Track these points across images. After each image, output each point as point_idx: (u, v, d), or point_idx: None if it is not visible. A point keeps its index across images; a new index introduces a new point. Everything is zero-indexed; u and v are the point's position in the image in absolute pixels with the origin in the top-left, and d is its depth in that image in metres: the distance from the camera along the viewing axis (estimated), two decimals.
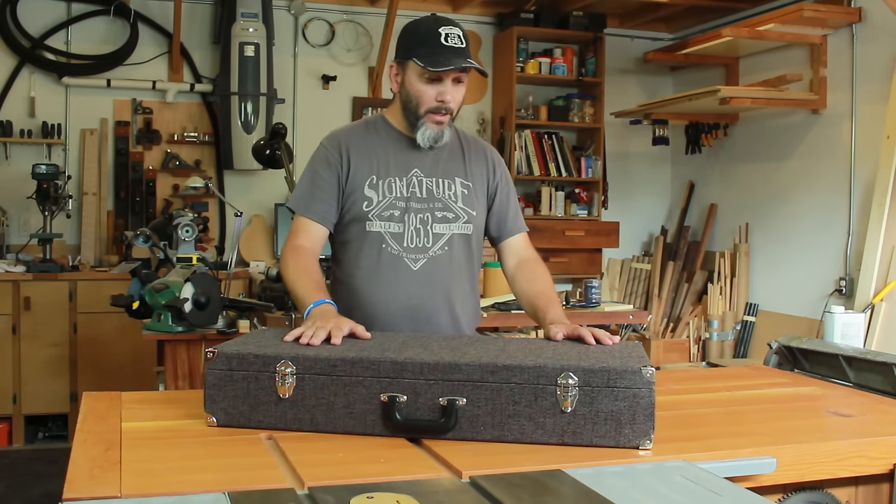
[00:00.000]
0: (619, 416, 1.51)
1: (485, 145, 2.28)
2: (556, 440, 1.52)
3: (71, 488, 1.24)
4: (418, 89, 2.03)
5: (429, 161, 2.13)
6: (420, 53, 1.99)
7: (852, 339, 2.58)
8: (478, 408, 1.54)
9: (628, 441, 1.51)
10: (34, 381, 4.79)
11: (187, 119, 5.61)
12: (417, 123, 2.06)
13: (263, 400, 1.60)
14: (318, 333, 1.71)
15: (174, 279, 3.21)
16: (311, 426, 1.58)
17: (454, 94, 2.04)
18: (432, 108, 2.03)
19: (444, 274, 2.11)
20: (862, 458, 1.60)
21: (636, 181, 6.44)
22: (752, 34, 4.96)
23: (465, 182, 2.15)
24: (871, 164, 4.61)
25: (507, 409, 1.53)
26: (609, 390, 1.52)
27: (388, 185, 2.09)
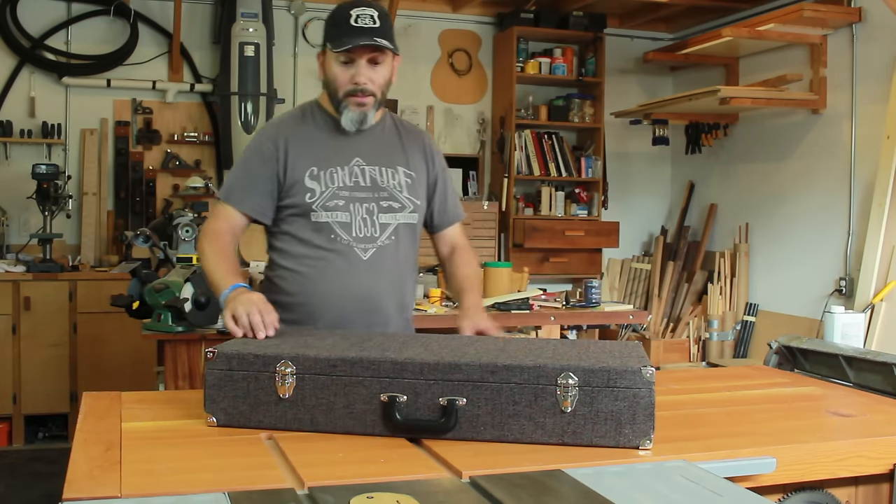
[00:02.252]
0: (619, 416, 1.51)
1: (421, 133, 2.28)
2: (556, 440, 1.52)
3: (71, 488, 1.24)
4: (334, 73, 2.04)
5: (368, 148, 2.12)
6: (331, 37, 2.03)
7: (852, 339, 2.58)
8: (478, 408, 1.54)
9: (628, 441, 1.51)
10: (34, 381, 4.79)
11: (187, 119, 5.61)
12: (340, 108, 2.06)
13: (263, 400, 1.60)
14: (254, 324, 1.80)
15: (174, 279, 3.21)
16: (311, 426, 1.58)
17: (371, 75, 2.02)
18: (349, 90, 2.03)
19: (392, 263, 2.12)
20: (862, 458, 1.60)
21: (636, 181, 6.44)
22: (752, 34, 4.96)
23: (409, 171, 2.15)
24: (871, 164, 4.61)
25: (507, 409, 1.53)
26: (609, 390, 1.51)
27: (329, 175, 2.08)
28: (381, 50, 2.01)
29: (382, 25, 2.00)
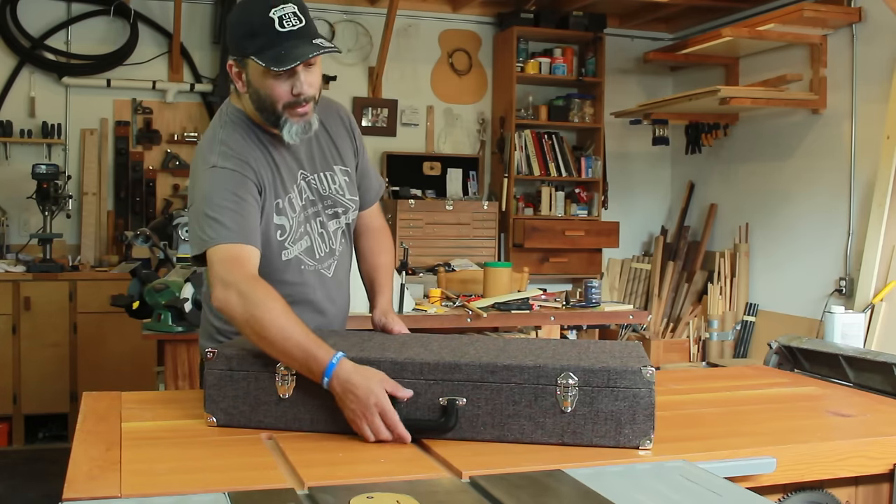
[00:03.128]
0: (619, 416, 1.51)
1: (337, 108, 2.04)
2: (556, 440, 1.52)
3: (71, 488, 1.24)
4: (268, 87, 1.76)
5: (305, 156, 1.92)
6: (257, 49, 1.72)
7: (852, 339, 2.58)
8: (478, 408, 1.54)
9: (628, 441, 1.51)
10: (34, 381, 4.79)
11: (187, 119, 5.61)
12: (280, 122, 1.79)
13: (263, 400, 1.60)
14: (380, 431, 1.53)
15: (174, 279, 3.21)
16: (310, 426, 1.58)
17: (310, 80, 1.77)
18: (290, 102, 1.77)
19: (347, 265, 2.05)
20: (862, 458, 1.60)
21: (636, 181, 6.44)
22: (752, 34, 4.96)
23: (344, 168, 1.99)
24: (871, 164, 4.61)
25: (507, 409, 1.53)
26: (609, 390, 1.51)
27: (289, 202, 1.88)
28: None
29: (307, 21, 1.75)
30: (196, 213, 1.77)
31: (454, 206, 5.63)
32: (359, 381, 1.52)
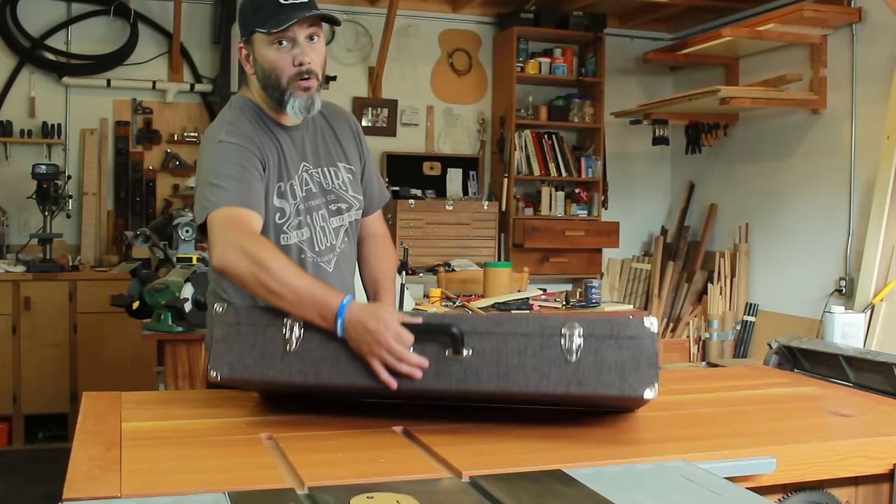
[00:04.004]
0: (624, 365, 1.51)
1: (345, 114, 2.10)
2: (562, 391, 1.52)
3: (71, 488, 1.24)
4: (272, 60, 1.83)
5: (310, 150, 1.97)
6: (260, 21, 1.81)
7: (852, 339, 2.58)
8: (483, 358, 1.53)
9: (633, 390, 1.50)
10: (34, 381, 4.79)
11: (187, 119, 5.61)
12: (284, 98, 1.85)
13: (269, 353, 1.59)
14: (408, 373, 1.55)
15: (174, 279, 3.21)
16: (315, 377, 1.58)
17: (312, 55, 1.83)
18: (293, 74, 1.83)
19: (349, 266, 2.04)
20: (862, 458, 1.60)
21: (636, 181, 6.44)
22: (752, 34, 4.96)
23: (348, 166, 2.03)
24: (871, 164, 4.61)
25: (513, 359, 1.52)
26: (613, 340, 1.51)
27: (290, 188, 1.91)
28: (319, 24, 1.83)
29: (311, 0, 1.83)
30: (200, 184, 1.82)
31: (454, 206, 5.63)
32: (371, 314, 1.55)
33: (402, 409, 1.74)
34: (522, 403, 1.65)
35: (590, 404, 1.62)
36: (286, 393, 1.73)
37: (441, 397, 1.59)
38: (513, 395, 1.54)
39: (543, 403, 1.64)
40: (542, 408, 1.69)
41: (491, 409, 1.78)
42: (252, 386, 1.68)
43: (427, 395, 1.59)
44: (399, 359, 1.53)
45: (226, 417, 1.67)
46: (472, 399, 1.60)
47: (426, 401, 1.64)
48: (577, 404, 1.62)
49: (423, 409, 1.76)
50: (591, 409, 1.65)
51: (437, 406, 1.75)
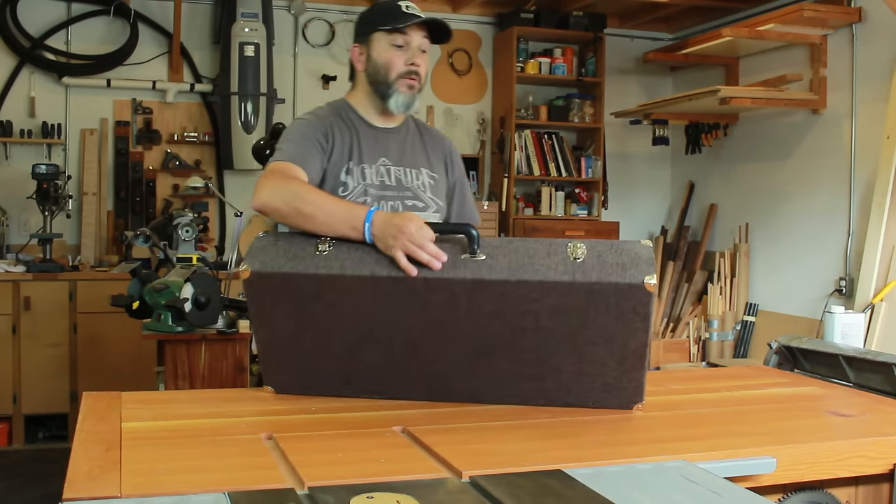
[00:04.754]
0: (624, 263, 1.63)
1: (442, 138, 2.30)
2: (567, 278, 1.61)
3: (71, 488, 1.24)
4: (387, 57, 2.06)
5: (394, 149, 2.14)
6: (383, 22, 2.06)
7: (852, 339, 2.58)
8: (496, 259, 1.65)
9: (633, 278, 1.60)
10: (34, 381, 4.79)
11: (187, 119, 5.61)
12: (389, 91, 2.07)
13: (300, 255, 1.71)
14: (428, 262, 1.67)
15: (174, 279, 3.21)
16: (340, 270, 1.68)
17: (420, 60, 2.08)
18: (403, 71, 2.06)
19: None
20: (862, 458, 1.60)
21: (636, 181, 6.44)
22: (752, 34, 4.96)
23: (431, 173, 2.18)
24: (871, 164, 4.61)
25: (523, 261, 1.65)
26: (613, 251, 1.65)
27: (361, 171, 2.08)
28: (428, 37, 2.08)
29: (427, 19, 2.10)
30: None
31: None
32: (396, 213, 1.75)
33: (402, 407, 1.74)
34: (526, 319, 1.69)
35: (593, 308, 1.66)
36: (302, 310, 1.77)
37: (455, 285, 1.66)
38: (523, 286, 1.62)
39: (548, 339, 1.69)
40: (540, 406, 1.70)
41: (491, 409, 1.78)
42: (277, 283, 1.73)
43: (442, 287, 1.66)
44: (420, 246, 1.66)
45: (226, 417, 1.67)
46: (485, 294, 1.66)
47: (441, 294, 1.69)
48: (581, 316, 1.67)
49: (423, 407, 1.76)
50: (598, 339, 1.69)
51: (436, 405, 1.75)
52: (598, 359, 1.69)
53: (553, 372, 1.72)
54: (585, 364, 1.70)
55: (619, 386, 1.73)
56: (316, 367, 1.81)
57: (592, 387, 1.73)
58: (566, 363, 1.71)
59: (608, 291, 1.62)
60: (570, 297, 1.64)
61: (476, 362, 1.73)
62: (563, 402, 1.75)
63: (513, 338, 1.69)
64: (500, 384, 1.75)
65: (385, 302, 1.71)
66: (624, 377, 1.71)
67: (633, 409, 1.76)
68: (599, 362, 1.70)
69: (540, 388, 1.75)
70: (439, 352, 1.73)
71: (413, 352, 1.74)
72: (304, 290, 1.71)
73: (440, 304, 1.68)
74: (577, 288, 1.62)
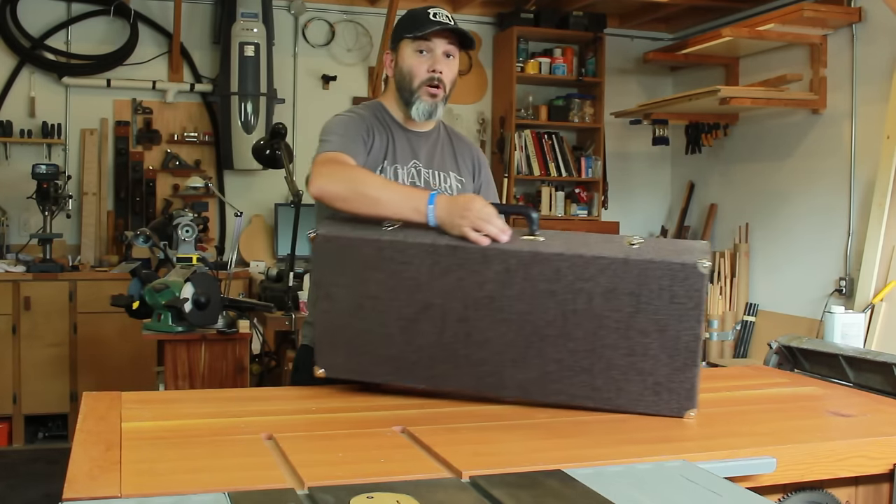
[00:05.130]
0: (679, 250, 1.69)
1: (470, 143, 2.34)
2: (622, 255, 1.65)
3: (71, 488, 1.24)
4: (411, 64, 2.10)
5: (425, 153, 2.18)
6: (408, 29, 2.11)
7: (852, 339, 2.58)
8: (552, 240, 1.73)
9: (688, 259, 1.65)
10: (34, 381, 4.79)
11: (187, 119, 5.61)
12: (412, 99, 2.11)
13: (366, 227, 1.79)
14: (494, 235, 1.72)
15: (174, 279, 3.21)
16: (402, 237, 1.74)
17: (445, 68, 2.10)
18: (425, 79, 2.09)
19: None
20: (862, 458, 1.60)
21: (636, 181, 6.44)
22: (752, 34, 4.96)
23: (459, 177, 2.21)
24: (871, 164, 4.61)
25: (580, 246, 1.69)
26: (670, 242, 1.74)
27: (394, 171, 2.12)
28: (455, 43, 2.10)
29: (456, 23, 2.12)
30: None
31: None
32: (458, 196, 1.82)
33: (402, 407, 1.74)
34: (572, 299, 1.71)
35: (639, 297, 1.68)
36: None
37: (511, 257, 1.70)
38: (578, 261, 1.66)
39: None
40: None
41: (491, 409, 1.78)
42: (341, 248, 1.78)
43: (498, 259, 1.70)
44: (487, 221, 1.70)
45: (226, 417, 1.67)
46: (540, 268, 1.69)
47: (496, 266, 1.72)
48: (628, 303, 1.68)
49: (423, 407, 1.76)
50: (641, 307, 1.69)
51: (437, 405, 1.75)
52: (649, 352, 1.68)
53: (603, 365, 1.70)
54: (637, 357, 1.68)
55: (669, 387, 1.69)
56: (368, 348, 1.80)
57: (643, 387, 1.70)
58: (617, 354, 1.69)
59: (661, 272, 1.63)
60: (623, 277, 1.65)
61: (527, 350, 1.72)
62: (612, 405, 1.71)
63: (565, 322, 1.69)
64: (549, 377, 1.73)
65: (442, 274, 1.73)
66: (675, 376, 1.68)
67: (684, 416, 1.70)
68: (651, 356, 1.68)
69: (589, 385, 1.71)
70: (490, 336, 1.73)
71: (465, 335, 1.74)
72: (366, 257, 1.75)
73: (495, 280, 1.70)
74: (630, 266, 1.64)
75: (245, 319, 3.37)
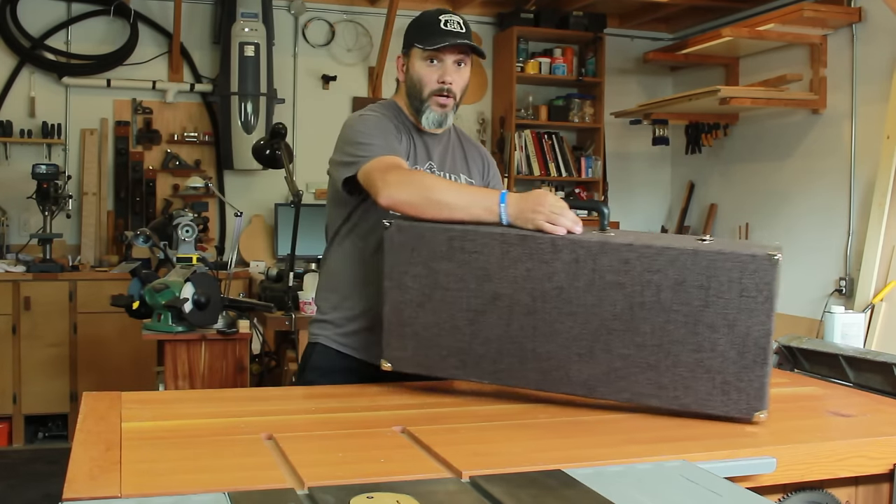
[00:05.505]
0: (749, 245, 1.69)
1: (479, 146, 2.36)
2: (692, 247, 1.65)
3: (71, 488, 1.24)
4: (420, 73, 2.09)
5: (438, 154, 2.18)
6: (420, 38, 2.09)
7: (852, 339, 2.58)
8: (623, 234, 1.74)
9: (758, 251, 1.63)
10: (34, 381, 4.79)
11: (187, 119, 5.61)
12: (422, 108, 2.10)
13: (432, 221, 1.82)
14: (569, 227, 1.75)
15: (174, 279, 3.21)
16: (472, 227, 1.76)
17: (455, 77, 2.09)
18: (435, 90, 2.08)
19: None
20: (862, 458, 1.60)
21: (636, 181, 6.44)
22: (752, 34, 4.96)
23: (469, 179, 2.22)
24: (871, 164, 4.61)
25: (650, 239, 1.71)
26: (740, 240, 1.70)
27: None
28: (467, 52, 2.09)
29: (467, 31, 2.11)
30: (344, 146, 2.03)
31: None
32: (527, 193, 1.80)
33: (402, 407, 1.74)
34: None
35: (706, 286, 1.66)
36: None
37: (580, 247, 1.71)
38: (646, 252, 1.65)
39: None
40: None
41: (491, 409, 1.78)
42: (413, 237, 1.81)
43: (568, 249, 1.71)
44: (561, 214, 1.73)
45: (226, 417, 1.67)
46: (609, 258, 1.69)
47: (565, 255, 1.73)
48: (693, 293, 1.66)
49: (423, 407, 1.76)
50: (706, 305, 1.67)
51: (437, 405, 1.75)
52: (717, 348, 1.64)
53: (671, 361, 1.67)
54: (704, 354, 1.65)
55: (738, 387, 1.64)
56: (435, 341, 1.80)
57: (711, 385, 1.65)
58: (685, 350, 1.65)
59: (731, 263, 1.61)
60: (692, 269, 1.63)
61: (593, 345, 1.70)
62: (678, 405, 1.68)
63: (632, 315, 1.67)
64: (616, 374, 1.70)
65: (511, 265, 1.74)
66: (744, 375, 1.63)
67: (753, 418, 1.65)
68: (719, 353, 1.64)
69: (655, 383, 1.68)
70: (558, 329, 1.72)
71: (532, 328, 1.73)
72: (437, 247, 1.78)
73: (564, 271, 1.70)
74: (699, 258, 1.62)
75: (245, 319, 3.37)
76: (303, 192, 3.74)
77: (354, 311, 2.09)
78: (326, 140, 2.20)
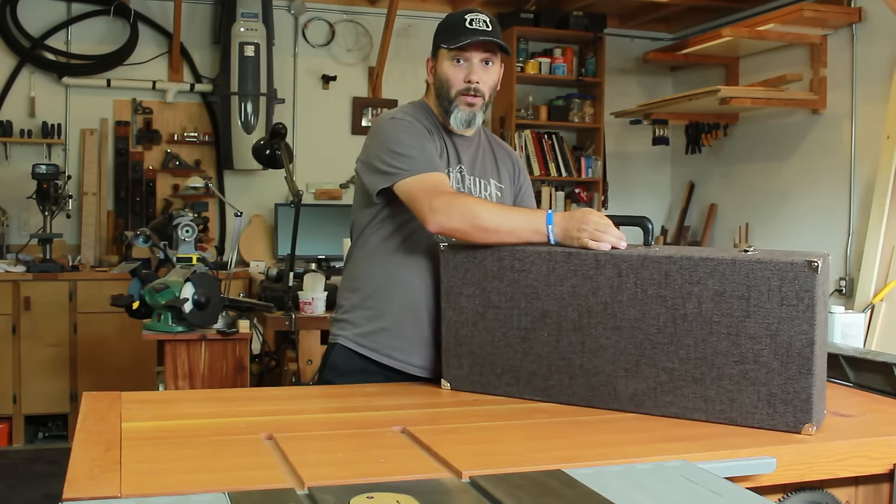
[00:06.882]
0: (791, 255, 1.66)
1: (509, 149, 2.35)
2: (731, 257, 1.65)
3: (71, 488, 1.24)
4: (447, 73, 2.08)
5: (469, 158, 2.18)
6: (445, 38, 2.08)
7: (852, 339, 2.57)
8: (663, 250, 1.75)
9: (797, 259, 1.62)
10: (34, 381, 4.79)
11: (187, 119, 5.61)
12: (450, 108, 2.10)
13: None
14: (615, 244, 1.78)
15: (174, 279, 3.21)
16: (521, 245, 1.83)
17: (483, 76, 2.08)
18: (462, 89, 2.07)
19: None
20: (862, 458, 1.60)
21: (636, 181, 6.44)
22: (752, 34, 4.96)
23: (499, 185, 2.22)
24: (871, 164, 4.61)
25: (690, 251, 1.72)
26: (781, 251, 1.74)
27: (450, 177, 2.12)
28: (493, 50, 2.07)
29: (494, 30, 2.08)
30: (377, 152, 2.02)
31: None
32: (572, 211, 1.85)
33: (402, 407, 1.74)
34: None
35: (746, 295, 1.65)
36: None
37: (622, 261, 1.74)
38: (687, 263, 1.67)
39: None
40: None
41: (491, 409, 1.78)
42: (465, 258, 1.90)
43: (610, 263, 1.75)
44: (605, 231, 1.78)
45: (226, 417, 1.67)
46: (650, 271, 1.72)
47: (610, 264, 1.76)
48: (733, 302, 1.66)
49: (423, 407, 1.76)
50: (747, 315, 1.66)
51: (437, 405, 1.75)
52: (761, 360, 1.63)
53: (715, 374, 1.67)
54: (748, 366, 1.64)
55: (784, 399, 1.62)
56: (490, 359, 1.88)
57: (756, 398, 1.64)
58: (728, 362, 1.66)
59: (770, 272, 1.61)
60: (731, 279, 1.64)
61: (638, 359, 1.73)
62: (724, 418, 1.67)
63: (675, 328, 1.69)
64: (662, 388, 1.71)
65: (558, 282, 1.80)
66: (790, 386, 1.62)
67: (801, 431, 1.62)
68: (763, 364, 1.63)
69: (701, 396, 1.68)
70: (604, 343, 1.76)
71: (579, 344, 1.78)
72: (489, 266, 1.86)
73: (607, 285, 1.75)
74: (738, 267, 1.63)
75: (245, 319, 3.37)
76: (303, 192, 3.74)
77: (375, 311, 2.08)
78: (326, 140, 2.19)
